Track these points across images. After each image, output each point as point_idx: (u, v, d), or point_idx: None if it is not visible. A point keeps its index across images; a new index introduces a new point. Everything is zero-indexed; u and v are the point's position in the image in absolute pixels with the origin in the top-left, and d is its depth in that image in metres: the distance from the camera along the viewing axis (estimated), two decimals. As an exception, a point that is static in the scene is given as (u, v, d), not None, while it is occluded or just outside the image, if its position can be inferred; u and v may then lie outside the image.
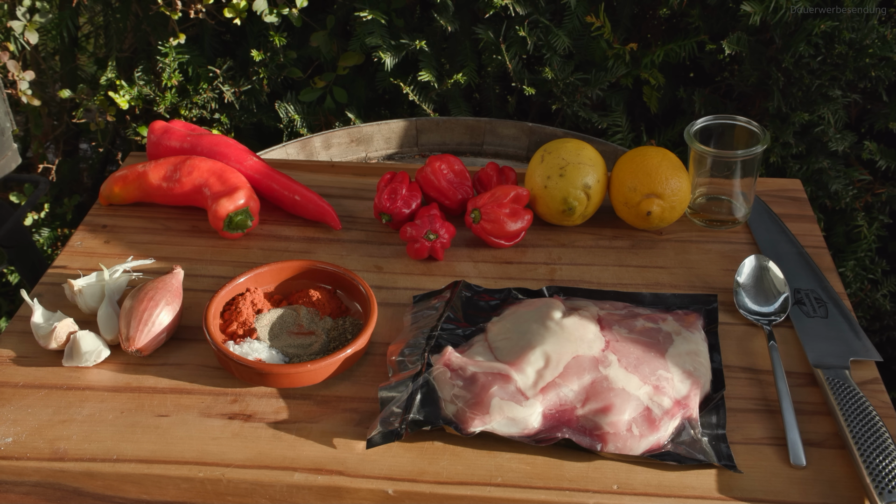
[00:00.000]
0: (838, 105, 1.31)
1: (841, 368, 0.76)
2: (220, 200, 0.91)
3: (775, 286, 0.84)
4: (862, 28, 1.25)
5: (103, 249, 0.93)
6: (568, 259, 0.91)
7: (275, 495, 0.68)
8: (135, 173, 0.96)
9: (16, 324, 0.83)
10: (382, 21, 1.43)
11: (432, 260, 0.91)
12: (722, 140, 0.94)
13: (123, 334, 0.78)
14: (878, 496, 0.64)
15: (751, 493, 0.67)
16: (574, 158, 0.92)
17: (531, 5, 1.38)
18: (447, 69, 1.49)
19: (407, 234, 0.89)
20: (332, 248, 0.93)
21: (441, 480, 0.68)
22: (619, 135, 1.42)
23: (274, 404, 0.74)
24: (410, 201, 0.92)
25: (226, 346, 0.76)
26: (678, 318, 0.80)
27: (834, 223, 1.42)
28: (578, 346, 0.74)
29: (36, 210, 1.80)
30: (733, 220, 0.95)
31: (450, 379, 0.73)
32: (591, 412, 0.70)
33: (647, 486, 0.67)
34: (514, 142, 1.32)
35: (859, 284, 1.40)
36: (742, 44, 1.31)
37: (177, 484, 0.68)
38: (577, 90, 1.40)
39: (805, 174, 1.37)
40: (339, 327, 0.80)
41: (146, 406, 0.74)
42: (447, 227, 0.90)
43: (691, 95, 1.41)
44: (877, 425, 0.69)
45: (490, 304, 0.83)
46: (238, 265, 0.90)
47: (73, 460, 0.69)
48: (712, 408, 0.73)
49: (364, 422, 0.73)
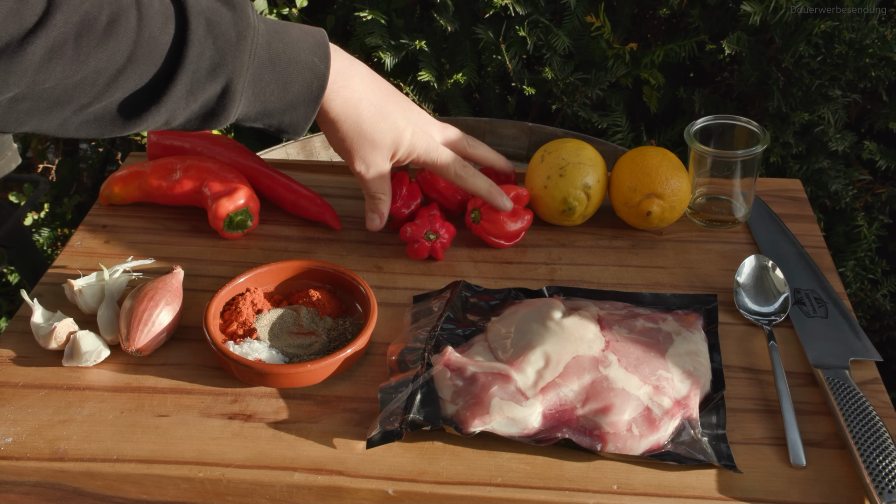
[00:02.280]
0: (838, 105, 1.31)
1: (841, 368, 0.76)
2: (220, 200, 0.91)
3: (775, 286, 0.84)
4: (862, 28, 1.25)
5: (103, 249, 0.93)
6: (568, 259, 0.91)
7: (275, 495, 0.68)
8: (135, 173, 0.96)
9: (16, 324, 0.83)
10: (382, 21, 1.43)
11: (432, 260, 0.91)
12: (722, 140, 0.94)
13: (123, 334, 0.78)
14: (878, 496, 0.64)
15: (751, 493, 0.67)
16: (574, 158, 0.92)
17: (531, 5, 1.38)
18: (447, 69, 1.49)
19: (407, 235, 0.89)
20: (332, 248, 0.93)
21: (441, 480, 0.68)
22: (619, 135, 1.42)
23: (274, 404, 0.74)
24: (410, 202, 0.92)
25: (226, 346, 0.76)
26: (678, 318, 0.80)
27: (834, 223, 1.42)
28: (578, 346, 0.74)
29: (36, 210, 1.80)
30: (733, 220, 0.95)
31: (450, 379, 0.73)
32: (591, 412, 0.70)
33: (647, 486, 0.67)
34: (514, 142, 1.32)
35: (859, 284, 1.40)
36: (742, 44, 1.31)
37: (177, 484, 0.68)
38: (577, 90, 1.40)
39: (805, 174, 1.37)
40: (339, 327, 0.80)
41: (146, 406, 0.74)
42: (447, 227, 0.90)
43: (691, 95, 1.41)
44: (877, 425, 0.69)
45: (490, 304, 0.83)
46: (238, 265, 0.90)
47: (73, 460, 0.69)
48: (712, 408, 0.73)
49: (364, 422, 0.73)
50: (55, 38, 0.61)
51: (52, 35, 0.61)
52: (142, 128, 0.69)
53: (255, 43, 0.71)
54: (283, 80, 0.73)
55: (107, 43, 0.64)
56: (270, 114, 0.75)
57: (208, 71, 0.68)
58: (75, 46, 0.62)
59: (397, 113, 0.83)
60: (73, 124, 0.66)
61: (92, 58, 0.63)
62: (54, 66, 0.61)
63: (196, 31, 0.67)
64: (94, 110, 0.66)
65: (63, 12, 0.61)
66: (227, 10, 0.70)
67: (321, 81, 0.76)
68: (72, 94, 0.64)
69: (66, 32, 0.61)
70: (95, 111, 0.66)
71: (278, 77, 0.73)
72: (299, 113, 0.76)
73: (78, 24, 0.62)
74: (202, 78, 0.68)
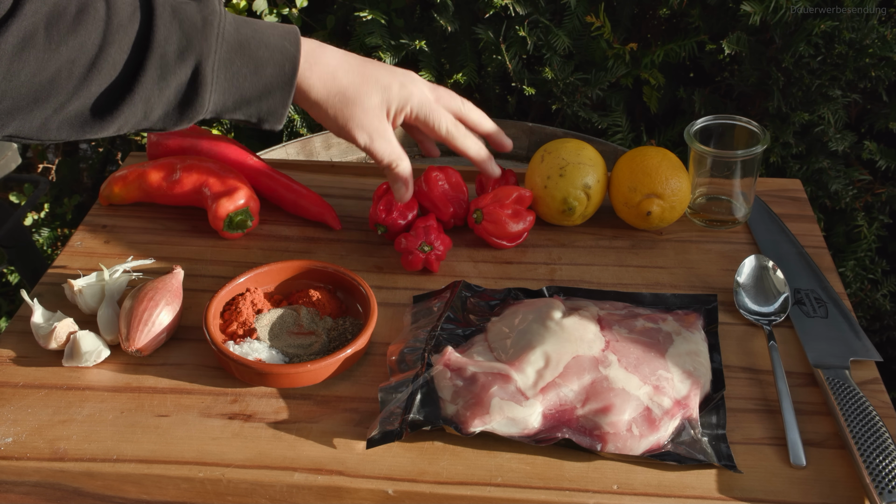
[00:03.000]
0: (838, 105, 1.31)
1: (841, 368, 0.76)
2: (220, 200, 0.91)
3: (775, 286, 0.84)
4: (862, 28, 1.25)
5: (103, 249, 0.93)
6: (568, 259, 0.91)
7: (275, 495, 0.68)
8: (135, 173, 0.96)
9: (16, 324, 0.83)
10: (382, 21, 1.43)
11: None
12: (722, 140, 0.94)
13: (123, 334, 0.78)
14: (878, 496, 0.64)
15: (751, 493, 0.67)
16: (574, 158, 0.92)
17: (531, 5, 1.38)
18: (447, 69, 1.49)
19: (401, 246, 0.88)
20: (332, 248, 0.93)
21: (441, 480, 0.68)
22: (619, 135, 1.42)
23: (274, 404, 0.74)
24: (406, 213, 0.91)
25: (226, 346, 0.76)
26: (678, 318, 0.80)
27: (834, 223, 1.42)
28: (578, 346, 0.74)
29: (36, 210, 1.80)
30: (733, 220, 0.95)
31: (450, 379, 0.73)
32: (591, 412, 0.70)
33: (647, 486, 0.67)
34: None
35: (859, 284, 1.40)
36: (742, 44, 1.31)
37: (177, 484, 0.68)
38: (577, 90, 1.40)
39: (805, 174, 1.37)
40: (339, 327, 0.80)
41: (146, 406, 0.74)
42: (443, 240, 0.88)
43: (691, 95, 1.41)
44: (877, 425, 0.69)
45: (490, 304, 0.83)
46: (238, 265, 0.90)
47: (73, 460, 0.69)
48: (712, 408, 0.73)
49: (364, 422, 0.73)
50: (26, 28, 0.63)
51: (24, 24, 0.63)
52: (121, 123, 0.70)
53: (221, 27, 0.72)
54: (254, 63, 0.74)
55: (77, 32, 0.65)
56: (248, 101, 0.75)
57: (177, 54, 0.70)
58: (46, 35, 0.64)
59: (378, 72, 0.82)
60: (55, 123, 0.68)
61: (63, 46, 0.65)
62: (27, 55, 0.63)
63: (162, 16, 0.69)
64: (73, 108, 0.68)
65: (32, 2, 0.64)
66: (193, 1, 0.72)
67: (293, 63, 0.76)
68: (49, 89, 0.65)
69: (37, 22, 0.64)
70: (75, 109, 0.68)
71: (249, 61, 0.74)
72: (276, 98, 0.76)
73: (48, 14, 0.64)
74: (171, 61, 0.70)
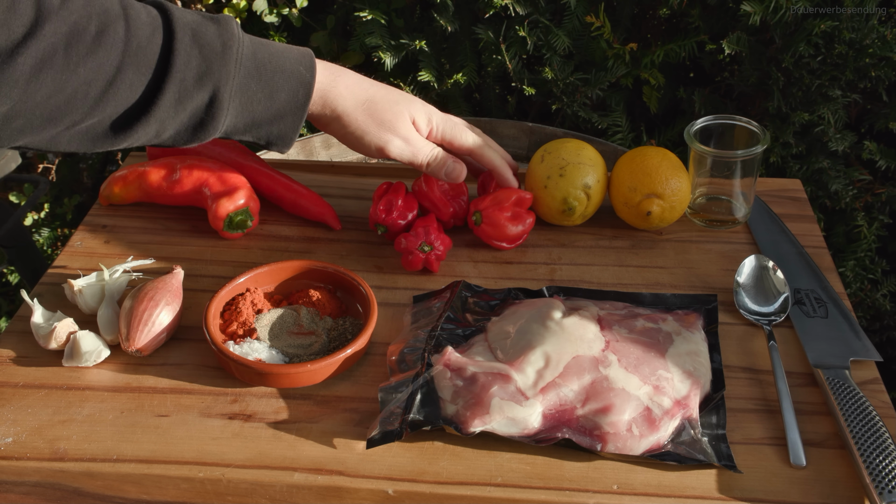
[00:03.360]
0: (838, 105, 1.31)
1: (841, 368, 0.76)
2: (220, 200, 0.91)
3: (775, 286, 0.84)
4: (862, 28, 1.25)
5: (103, 249, 0.93)
6: (568, 259, 0.91)
7: (275, 495, 0.68)
8: (135, 173, 0.96)
9: (16, 324, 0.83)
10: (382, 21, 1.43)
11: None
12: (722, 140, 0.94)
13: (123, 334, 0.78)
14: (878, 496, 0.64)
15: (751, 493, 0.67)
16: (574, 158, 0.92)
17: (531, 5, 1.38)
18: (447, 69, 1.49)
19: (401, 246, 0.88)
20: (332, 248, 0.93)
21: (441, 480, 0.68)
22: (619, 135, 1.42)
23: (274, 404, 0.74)
24: (406, 213, 0.91)
25: (226, 346, 0.76)
26: (678, 318, 0.80)
27: (834, 223, 1.42)
28: (578, 346, 0.74)
29: (36, 210, 1.80)
30: (733, 220, 0.95)
31: (450, 379, 0.73)
32: (591, 412, 0.70)
33: (647, 486, 0.67)
34: (514, 142, 1.32)
35: (859, 284, 1.40)
36: (742, 44, 1.31)
37: (177, 484, 0.68)
38: (577, 90, 1.40)
39: (805, 174, 1.37)
40: (339, 327, 0.80)
41: (146, 406, 0.74)
42: (443, 240, 0.88)
43: (691, 95, 1.41)
44: (877, 425, 0.69)
45: (490, 304, 0.83)
46: (238, 265, 0.90)
47: (73, 460, 0.69)
48: (712, 408, 0.73)
49: (364, 422, 0.73)
50: (45, 49, 0.61)
51: (42, 45, 0.61)
52: (132, 140, 0.70)
53: (240, 52, 0.72)
54: (269, 88, 0.74)
55: (96, 53, 0.64)
56: (259, 124, 0.76)
57: (195, 79, 0.69)
58: (65, 56, 0.63)
59: (397, 91, 0.85)
60: (65, 138, 0.67)
61: (82, 67, 0.64)
62: (45, 76, 0.62)
63: (182, 40, 0.69)
64: (86, 126, 0.67)
65: (52, 23, 0.62)
66: (212, 23, 0.72)
67: (307, 90, 0.76)
68: (64, 110, 0.64)
69: (56, 43, 0.62)
70: (87, 126, 0.67)
71: (265, 86, 0.74)
72: (287, 123, 0.77)
73: (67, 34, 0.63)
74: (189, 86, 0.69)
